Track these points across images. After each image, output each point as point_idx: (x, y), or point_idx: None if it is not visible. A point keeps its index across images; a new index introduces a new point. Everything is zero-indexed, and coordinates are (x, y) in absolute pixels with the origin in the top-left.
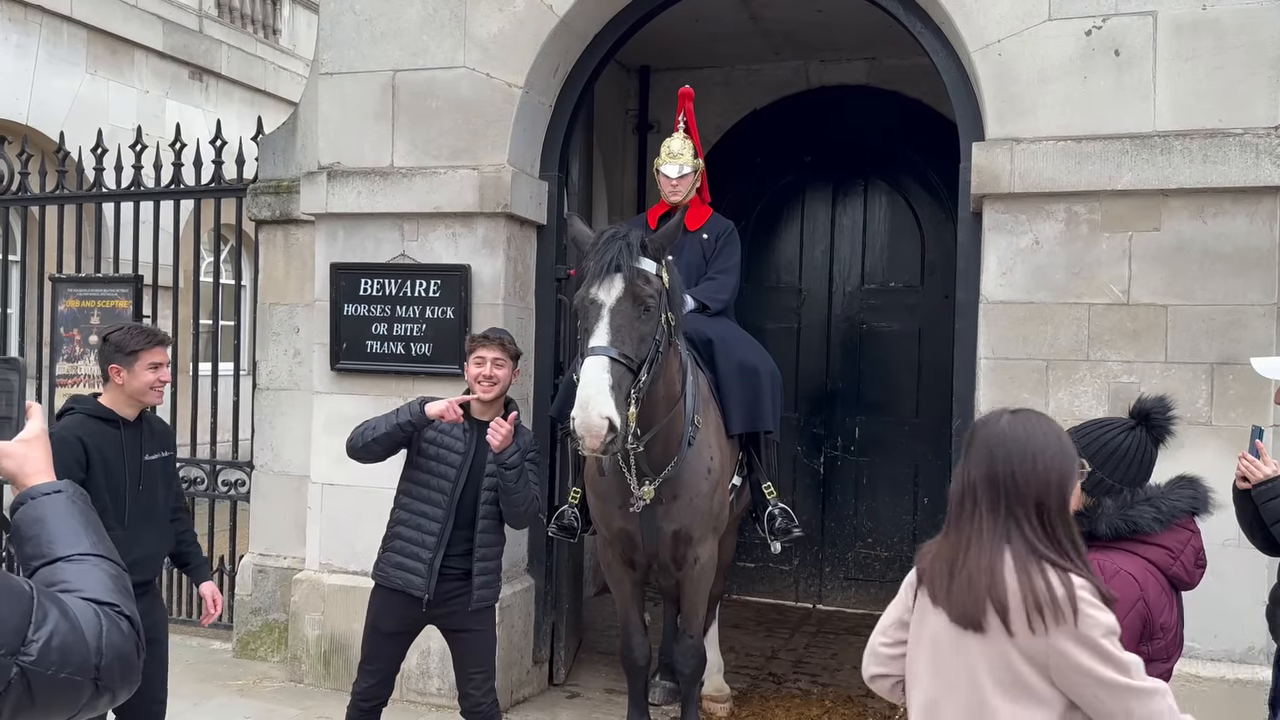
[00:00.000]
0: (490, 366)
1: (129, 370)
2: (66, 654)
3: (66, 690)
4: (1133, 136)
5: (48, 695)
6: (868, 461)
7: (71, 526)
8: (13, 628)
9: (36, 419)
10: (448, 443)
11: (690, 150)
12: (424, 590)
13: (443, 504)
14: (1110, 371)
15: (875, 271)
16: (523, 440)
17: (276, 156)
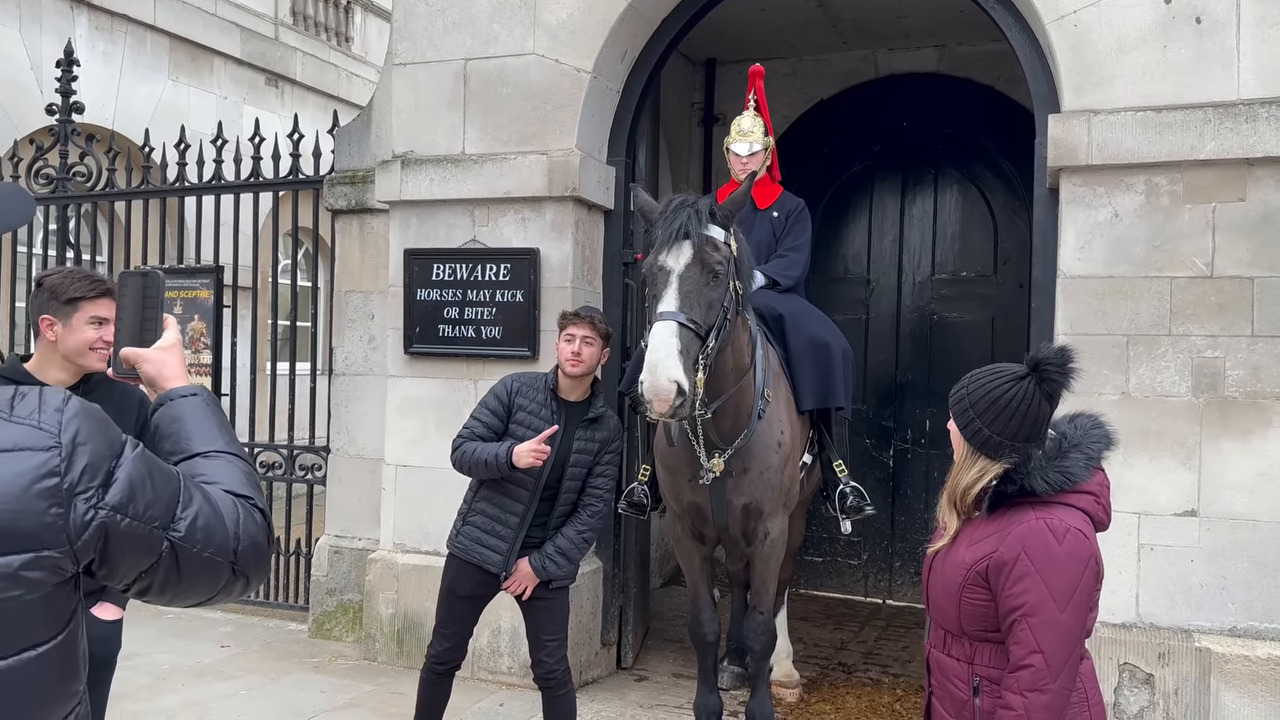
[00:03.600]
0: (579, 344)
1: (65, 323)
2: (210, 535)
3: (209, 570)
4: (1215, 105)
5: (193, 572)
6: (938, 454)
7: (207, 426)
8: (164, 504)
9: (172, 329)
10: (536, 425)
11: (761, 128)
12: (501, 568)
13: (529, 485)
14: (1194, 346)
15: (946, 261)
16: (602, 434)
17: (352, 148)
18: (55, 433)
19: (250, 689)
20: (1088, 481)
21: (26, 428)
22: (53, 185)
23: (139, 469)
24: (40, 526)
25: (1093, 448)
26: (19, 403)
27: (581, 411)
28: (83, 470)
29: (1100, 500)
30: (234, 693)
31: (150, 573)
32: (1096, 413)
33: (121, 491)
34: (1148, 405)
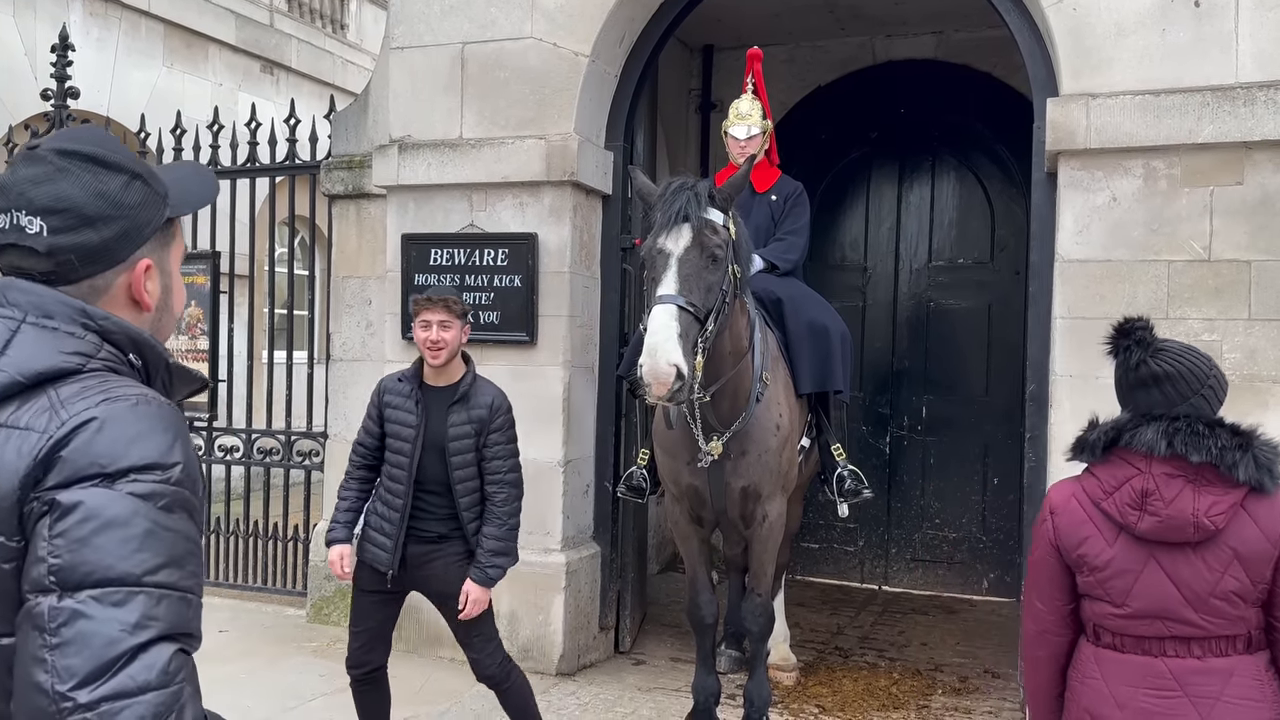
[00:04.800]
0: (436, 330)
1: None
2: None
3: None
4: (1214, 89)
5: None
6: (935, 441)
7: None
8: (95, 569)
9: None
10: (401, 417)
11: (759, 111)
12: (389, 566)
13: (403, 479)
14: (1191, 330)
15: (943, 248)
16: (477, 411)
17: (349, 133)
18: (62, 420)
19: (249, 673)
20: (1097, 463)
21: (50, 413)
22: None
23: (114, 509)
24: (2, 508)
25: (1099, 432)
26: (85, 393)
27: (451, 394)
28: (57, 459)
29: (1109, 492)
30: (232, 676)
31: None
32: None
33: (84, 500)
34: None
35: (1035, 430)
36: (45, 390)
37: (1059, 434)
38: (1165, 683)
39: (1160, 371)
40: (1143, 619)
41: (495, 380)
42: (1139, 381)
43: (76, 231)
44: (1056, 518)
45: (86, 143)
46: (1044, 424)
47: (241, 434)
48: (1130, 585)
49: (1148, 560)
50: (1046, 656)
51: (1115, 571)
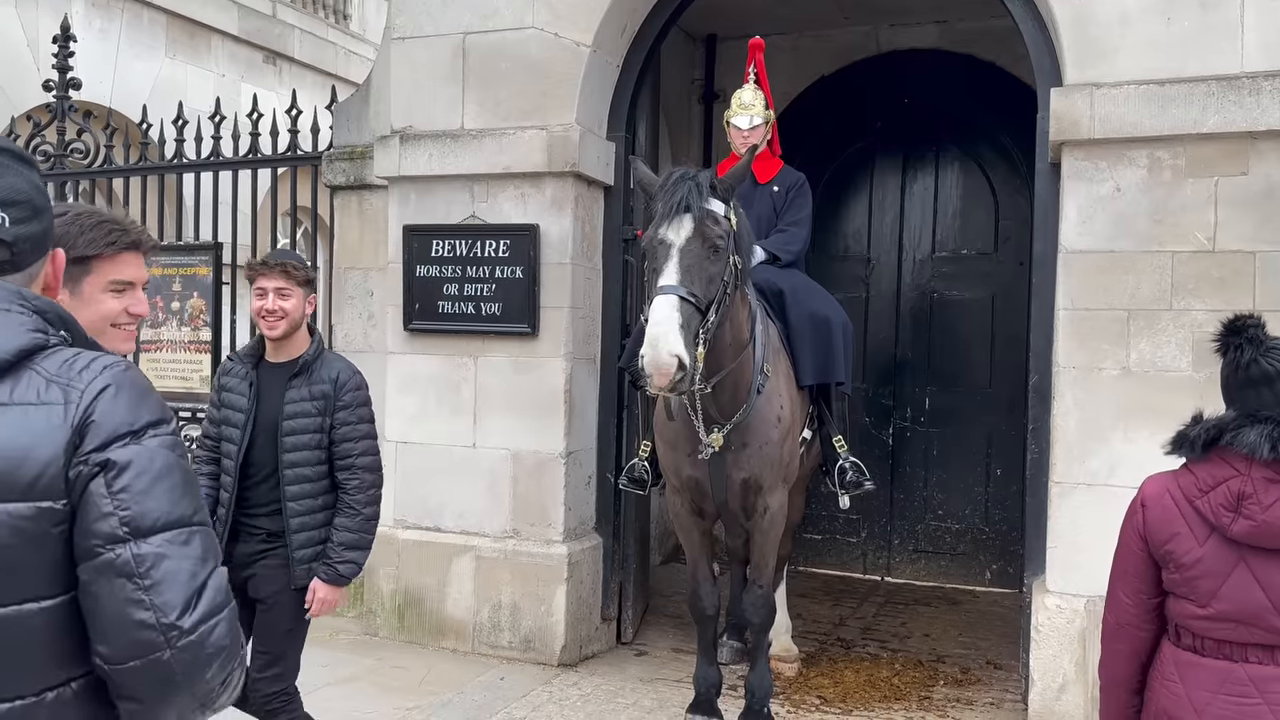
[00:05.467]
0: (273, 298)
1: (75, 292)
2: (165, 584)
3: (134, 629)
4: (1219, 78)
5: (115, 612)
6: (938, 433)
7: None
8: (151, 511)
9: None
10: (233, 400)
11: (761, 101)
12: None
13: (230, 469)
14: (1195, 321)
15: (947, 239)
16: (321, 386)
17: (350, 123)
18: (80, 389)
19: None
20: (1196, 461)
21: (59, 387)
22: (50, 162)
23: (155, 458)
24: (44, 476)
25: (1199, 429)
26: (69, 364)
27: (290, 369)
28: (89, 424)
29: (1204, 491)
30: None
31: (81, 574)
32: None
33: (121, 456)
34: (1148, 380)
35: (1038, 422)
36: (25, 367)
37: (1062, 425)
38: (1244, 689)
39: (1273, 370)
40: (1226, 622)
41: (498, 372)
42: (1248, 381)
43: (29, 222)
44: (1148, 510)
45: (4, 141)
46: (1047, 415)
47: None
48: (1217, 587)
49: (1238, 563)
50: (1127, 651)
51: (1203, 572)
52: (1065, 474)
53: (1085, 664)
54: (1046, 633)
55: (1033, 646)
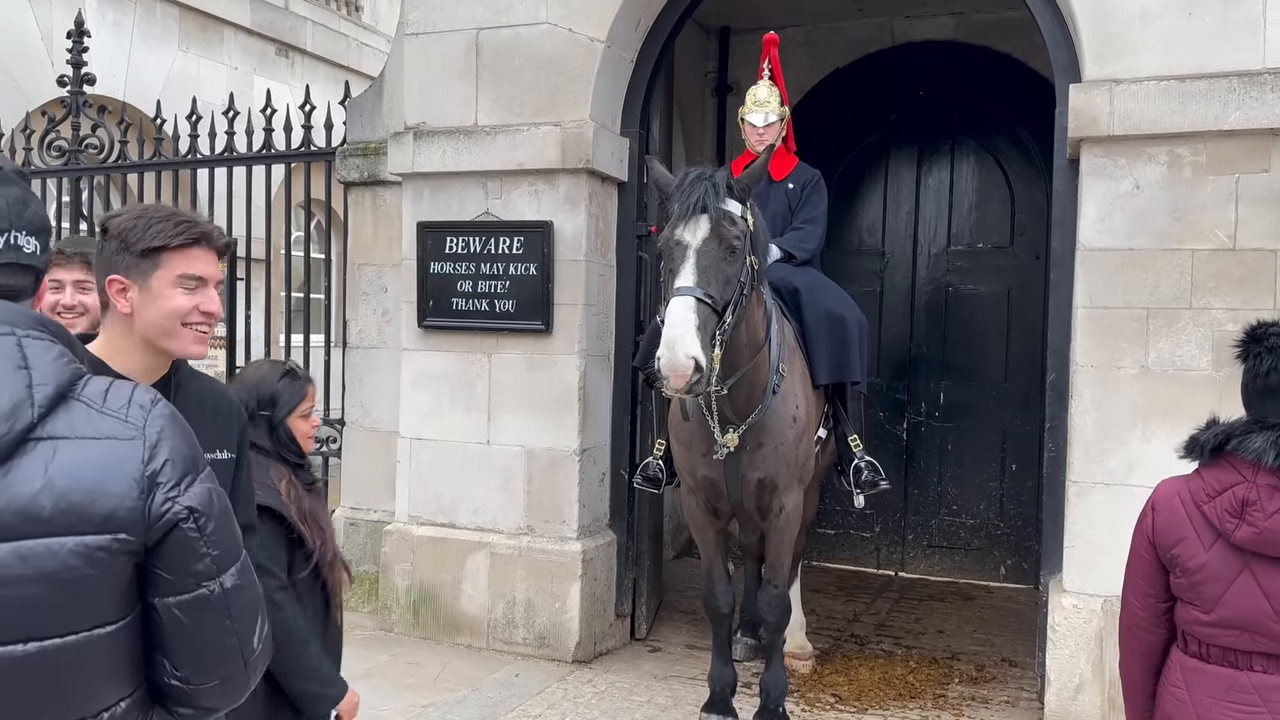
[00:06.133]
0: (71, 292)
1: (143, 286)
2: (244, 614)
3: (222, 650)
4: (1240, 74)
5: (206, 639)
6: (953, 428)
7: None
8: (226, 547)
9: None
10: None
11: (777, 98)
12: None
13: None
14: (1214, 320)
15: (962, 233)
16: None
17: (364, 119)
18: (140, 426)
19: None
20: (1205, 465)
21: (115, 420)
22: (65, 158)
23: (216, 495)
24: (120, 509)
25: (1208, 434)
26: (112, 393)
27: None
28: (165, 462)
29: (1211, 496)
30: None
31: (173, 607)
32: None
33: (198, 499)
34: (1167, 379)
35: (1055, 420)
36: (70, 398)
37: (1079, 424)
38: (1248, 697)
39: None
40: (1230, 629)
41: (511, 369)
42: (1267, 390)
43: (48, 249)
44: (1157, 514)
45: (9, 163)
46: (1064, 414)
47: None
48: (1221, 593)
49: (1242, 570)
50: (1138, 654)
51: (1207, 577)
52: (1083, 473)
53: (1102, 664)
54: (1063, 632)
55: (1049, 646)
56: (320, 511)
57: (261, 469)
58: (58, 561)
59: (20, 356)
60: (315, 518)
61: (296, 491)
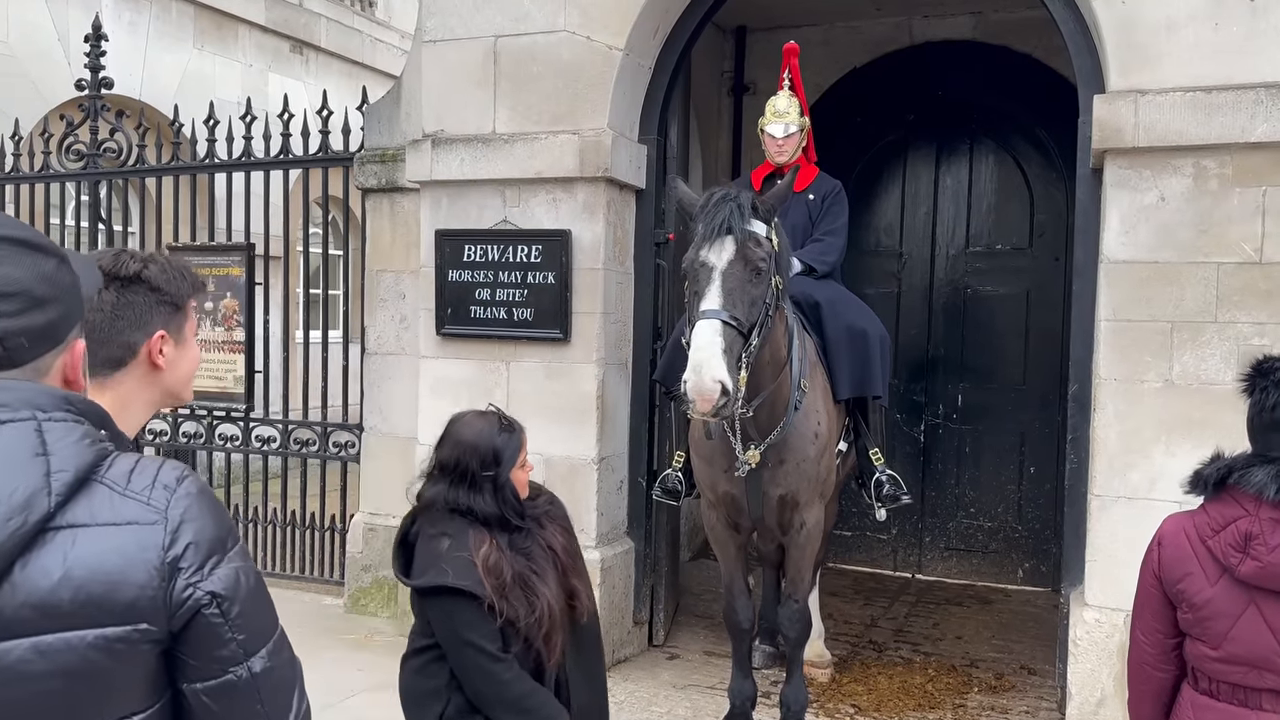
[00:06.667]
0: None
1: (178, 340)
2: (276, 697)
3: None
4: (1268, 85)
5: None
6: (970, 430)
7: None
8: (257, 629)
9: None
10: None
11: (796, 108)
12: None
13: None
14: (1240, 334)
15: (981, 233)
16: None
17: (381, 125)
18: (162, 509)
19: None
20: (1209, 500)
21: (138, 504)
22: (84, 161)
23: (245, 576)
24: (141, 598)
25: (1211, 467)
26: (137, 473)
27: None
28: (186, 546)
29: (1216, 530)
30: None
31: (200, 694)
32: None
33: (222, 583)
34: (1191, 393)
35: (1077, 431)
36: (92, 481)
37: (1102, 437)
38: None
39: None
40: (1238, 665)
41: (529, 377)
42: (1274, 423)
43: (27, 314)
44: (1163, 549)
45: (14, 228)
46: (1086, 426)
47: (279, 425)
48: (1228, 628)
49: (1248, 605)
50: (1148, 691)
51: (1213, 612)
52: (1105, 487)
53: (1123, 679)
54: (1085, 646)
55: (1070, 660)
56: (534, 572)
57: (460, 539)
58: (77, 656)
59: (39, 442)
60: (526, 582)
61: (501, 558)
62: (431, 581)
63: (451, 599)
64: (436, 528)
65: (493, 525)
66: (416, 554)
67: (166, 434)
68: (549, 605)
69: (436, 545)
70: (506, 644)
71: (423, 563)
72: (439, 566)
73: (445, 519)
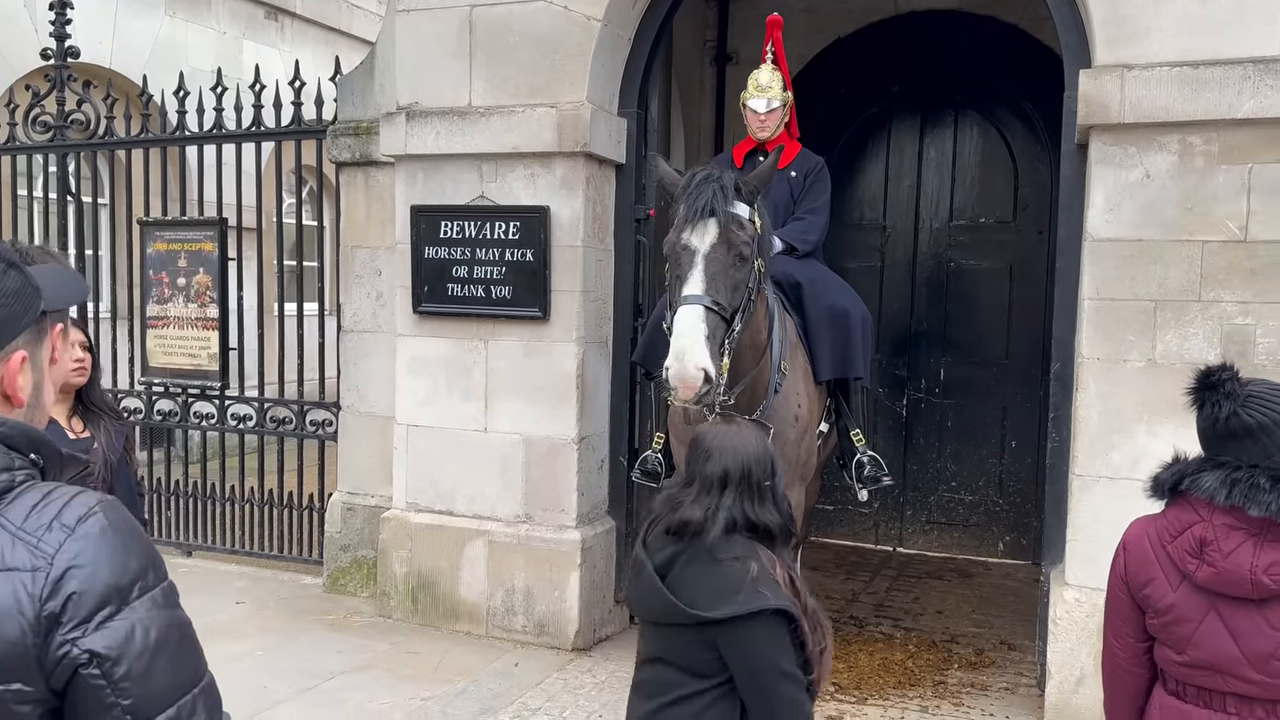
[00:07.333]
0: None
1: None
2: None
3: None
4: (1256, 60)
5: None
6: (952, 404)
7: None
8: (160, 691)
9: None
10: None
11: (779, 82)
12: None
13: None
14: (1224, 313)
15: (964, 207)
16: None
17: (355, 97)
18: (50, 554)
19: (266, 649)
20: (1170, 504)
21: (26, 547)
22: (51, 133)
23: (146, 630)
24: (11, 656)
25: (1166, 471)
26: (36, 512)
27: None
28: (69, 598)
29: (1174, 535)
30: (249, 653)
31: None
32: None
33: (110, 639)
34: (1174, 373)
35: (1059, 410)
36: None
37: (1085, 416)
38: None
39: (1253, 423)
40: (1202, 670)
41: (508, 356)
42: (1229, 433)
43: None
44: (1128, 554)
45: None
46: (1068, 404)
47: (254, 402)
48: (1190, 634)
49: (1209, 610)
50: (1123, 694)
51: (1176, 618)
52: (1087, 466)
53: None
54: (1065, 625)
55: (1050, 639)
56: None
57: (756, 559)
58: None
59: None
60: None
61: (794, 581)
62: (757, 606)
63: (774, 625)
64: (728, 551)
65: (775, 540)
66: (694, 580)
67: (141, 412)
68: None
69: (742, 569)
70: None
71: (723, 588)
72: (754, 591)
73: (726, 540)
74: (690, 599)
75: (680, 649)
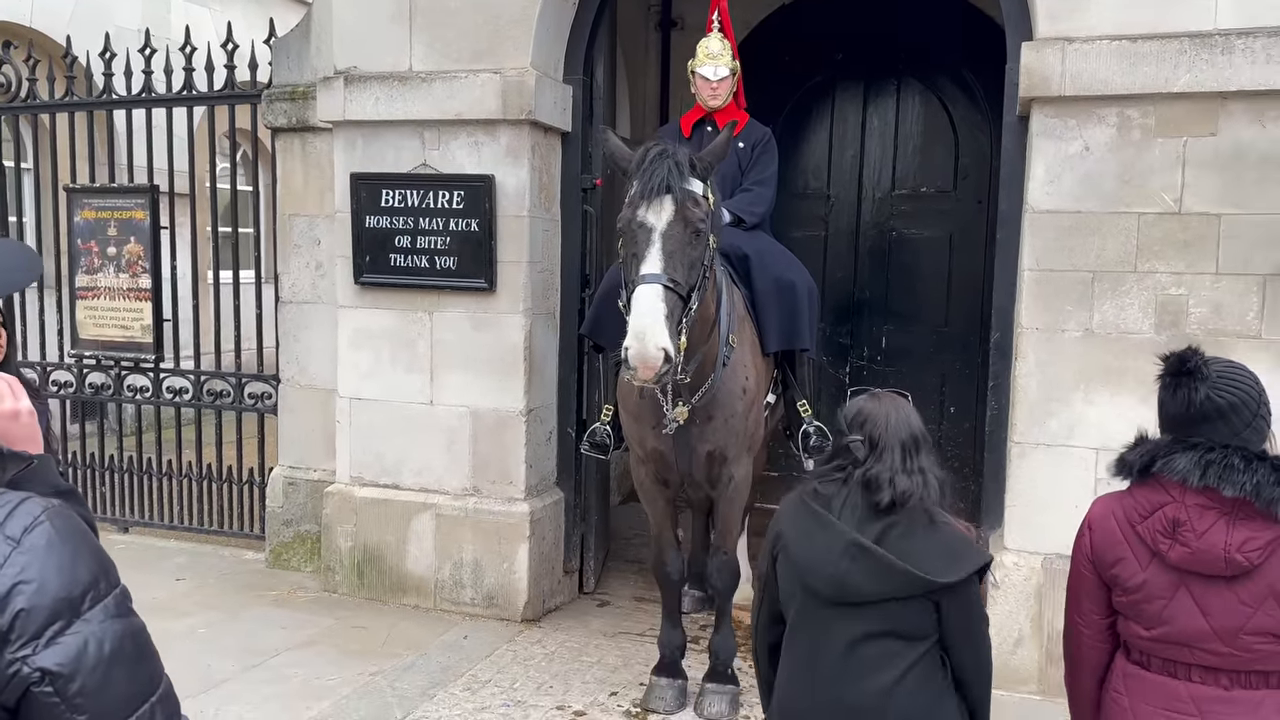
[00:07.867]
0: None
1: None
2: None
3: None
4: (1191, 35)
5: None
6: (894, 371)
7: None
8: (115, 706)
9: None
10: None
11: (729, 51)
12: None
13: None
14: (1158, 284)
15: (906, 176)
16: None
17: (291, 60)
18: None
19: (209, 626)
20: (1136, 484)
21: None
22: None
23: (100, 642)
24: None
25: (1135, 452)
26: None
27: None
28: (17, 614)
29: (1144, 515)
30: (191, 631)
31: None
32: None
33: (62, 656)
34: (1110, 342)
35: (998, 379)
36: None
37: (1023, 385)
38: (1183, 706)
39: (1224, 404)
40: (1170, 644)
41: (454, 328)
42: (1202, 415)
43: None
44: (1094, 533)
45: None
46: (1007, 373)
47: (190, 375)
48: (1160, 610)
49: (1179, 588)
50: (1084, 666)
51: (1146, 595)
52: (1025, 434)
53: (1040, 620)
54: (1004, 589)
55: (989, 602)
56: None
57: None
58: None
59: None
60: None
61: None
62: (983, 560)
63: (977, 578)
64: (941, 515)
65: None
66: (922, 549)
67: (73, 385)
68: None
69: (954, 528)
70: None
71: (953, 550)
72: (971, 548)
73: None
74: (927, 568)
75: (904, 618)
